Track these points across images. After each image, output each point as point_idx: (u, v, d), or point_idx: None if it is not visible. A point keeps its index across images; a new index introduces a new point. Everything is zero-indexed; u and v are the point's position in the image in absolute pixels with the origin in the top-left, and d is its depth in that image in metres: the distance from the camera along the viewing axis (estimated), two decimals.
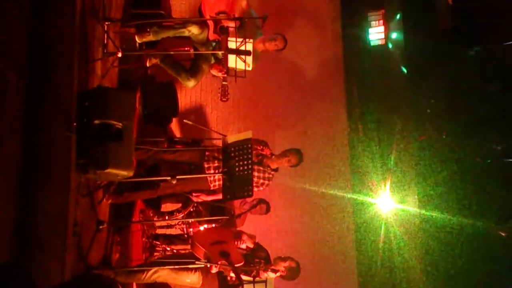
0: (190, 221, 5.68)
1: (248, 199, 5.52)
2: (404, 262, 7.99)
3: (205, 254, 4.63)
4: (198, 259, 4.63)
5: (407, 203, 7.97)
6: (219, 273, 4.81)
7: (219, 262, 4.51)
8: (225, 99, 4.95)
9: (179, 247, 5.67)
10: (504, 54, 7.88)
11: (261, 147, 5.13)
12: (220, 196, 4.93)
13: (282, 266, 4.81)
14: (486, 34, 8.05)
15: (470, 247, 7.63)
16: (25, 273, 1.82)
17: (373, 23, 8.28)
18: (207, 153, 4.96)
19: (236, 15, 4.87)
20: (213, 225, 5.51)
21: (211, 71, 5.13)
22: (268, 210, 5.70)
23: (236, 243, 4.91)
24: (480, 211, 7.68)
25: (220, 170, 4.69)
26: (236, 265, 4.53)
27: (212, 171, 4.89)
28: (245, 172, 4.23)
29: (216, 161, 4.88)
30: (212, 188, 5.08)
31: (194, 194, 5.31)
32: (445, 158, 7.84)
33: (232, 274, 4.66)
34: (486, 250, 7.82)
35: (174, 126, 6.29)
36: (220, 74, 5.03)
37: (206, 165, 4.92)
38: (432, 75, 8.14)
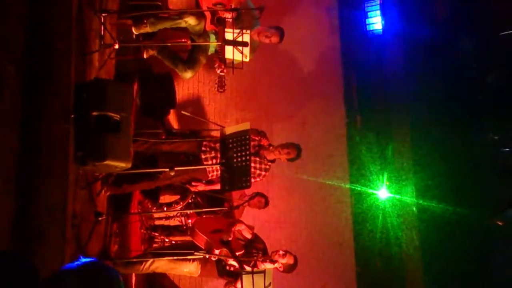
0: (188, 212, 5.70)
1: (247, 191, 5.54)
2: (402, 252, 8.03)
3: (206, 242, 4.65)
4: (197, 250, 4.66)
5: (405, 193, 8.01)
6: (217, 262, 4.84)
7: (220, 250, 4.53)
8: (222, 90, 4.96)
9: (178, 238, 5.69)
10: (501, 44, 7.87)
11: (259, 138, 5.14)
12: (218, 186, 4.94)
13: (280, 263, 4.83)
14: (483, 23, 8.04)
15: (467, 236, 7.67)
16: (26, 261, 1.83)
17: (370, 13, 8.26)
18: (204, 143, 4.98)
19: (233, 6, 4.86)
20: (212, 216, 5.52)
21: (217, 70, 5.10)
22: (266, 204, 5.69)
23: (232, 229, 4.91)
24: (477, 201, 7.71)
25: (217, 160, 4.71)
26: (236, 254, 4.56)
27: (209, 162, 4.90)
28: (243, 164, 4.24)
29: (213, 152, 4.90)
30: (210, 178, 5.09)
31: (193, 183, 5.31)
32: (443, 148, 7.86)
33: (232, 262, 4.69)
34: (483, 239, 7.86)
35: (172, 117, 6.29)
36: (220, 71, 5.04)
37: (203, 156, 4.94)
38: (429, 65, 8.14)
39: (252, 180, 4.61)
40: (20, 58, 3.53)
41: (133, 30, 4.95)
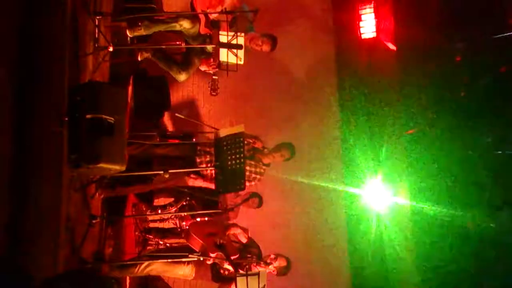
0: (183, 215, 5.70)
1: (241, 193, 5.54)
2: (395, 253, 8.05)
3: (202, 246, 4.65)
4: (191, 252, 4.66)
5: (398, 195, 8.03)
6: (212, 265, 4.84)
7: (215, 254, 4.53)
8: (214, 94, 4.97)
9: (172, 240, 5.69)
10: (493, 47, 7.92)
11: (253, 140, 5.15)
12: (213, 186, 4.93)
13: (272, 266, 4.83)
14: (475, 26, 8.08)
15: (460, 238, 7.70)
16: (21, 269, 1.84)
17: (364, 16, 8.29)
18: (198, 147, 4.98)
19: (228, 9, 4.87)
20: (206, 218, 5.53)
21: (199, 67, 5.13)
22: (260, 204, 5.72)
23: (227, 232, 4.91)
24: (470, 203, 7.75)
25: (212, 164, 4.71)
26: (231, 257, 4.56)
27: (204, 166, 4.91)
28: (238, 166, 4.25)
29: (208, 156, 4.91)
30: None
31: (192, 176, 5.27)
32: (436, 151, 7.89)
33: (227, 266, 4.69)
34: (476, 241, 7.89)
35: (166, 120, 6.30)
36: (209, 69, 5.06)
37: (198, 160, 4.95)
38: (422, 67, 8.17)
39: (247, 183, 4.61)
40: (14, 61, 3.52)
41: (128, 33, 4.95)
